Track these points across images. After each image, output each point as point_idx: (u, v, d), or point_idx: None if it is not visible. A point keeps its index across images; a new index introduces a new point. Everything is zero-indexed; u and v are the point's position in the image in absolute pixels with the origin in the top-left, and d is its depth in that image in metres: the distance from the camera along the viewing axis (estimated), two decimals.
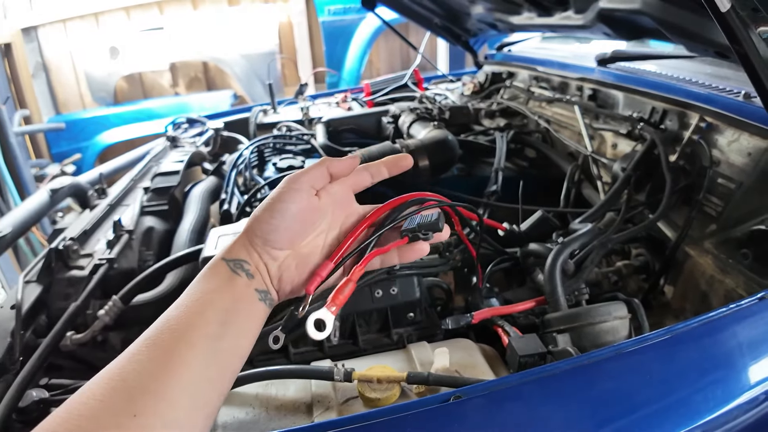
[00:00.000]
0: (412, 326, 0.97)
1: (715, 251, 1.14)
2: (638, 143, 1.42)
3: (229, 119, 2.55)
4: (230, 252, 0.61)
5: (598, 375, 0.64)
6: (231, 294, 0.58)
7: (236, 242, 0.62)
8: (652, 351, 0.68)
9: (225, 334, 0.56)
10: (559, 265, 0.92)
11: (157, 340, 0.54)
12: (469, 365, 0.78)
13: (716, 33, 1.24)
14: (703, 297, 1.13)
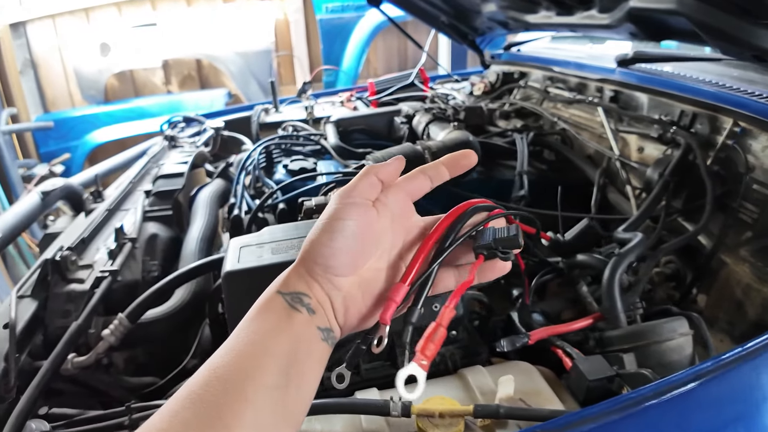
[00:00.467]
0: (454, 344, 0.90)
1: (751, 259, 1.10)
2: (668, 148, 1.37)
3: (228, 118, 2.47)
4: (286, 284, 0.53)
5: (688, 405, 0.58)
6: (290, 334, 0.50)
7: (292, 272, 0.54)
8: (735, 378, 0.62)
9: (286, 383, 0.48)
10: (617, 278, 0.86)
11: (204, 395, 0.45)
12: (533, 392, 0.71)
13: (756, 36, 1.21)
14: (738, 306, 1.10)
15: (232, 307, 0.87)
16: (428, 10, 2.41)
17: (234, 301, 0.87)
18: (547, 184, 1.59)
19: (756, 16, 1.17)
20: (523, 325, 0.89)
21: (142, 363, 1.24)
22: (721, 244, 1.14)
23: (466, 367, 0.79)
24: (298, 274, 0.54)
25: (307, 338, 0.51)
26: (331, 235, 0.53)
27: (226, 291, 0.88)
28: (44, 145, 4.88)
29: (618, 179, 1.50)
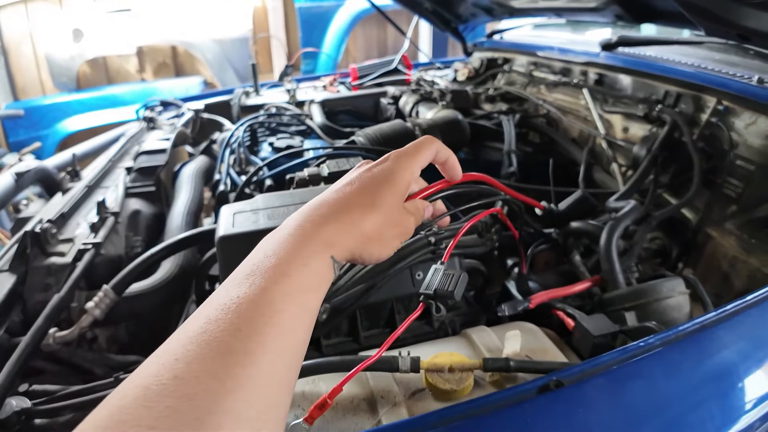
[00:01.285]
0: (453, 312, 0.90)
1: (737, 232, 1.13)
2: (653, 126, 1.39)
3: (206, 102, 2.42)
4: (341, 252, 0.52)
5: (706, 346, 0.59)
6: (323, 293, 0.51)
7: (346, 242, 0.53)
8: (740, 326, 0.64)
9: (299, 329, 0.47)
10: (615, 240, 0.87)
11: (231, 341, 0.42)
12: (539, 350, 0.71)
13: (741, 16, 1.23)
14: (724, 278, 1.12)
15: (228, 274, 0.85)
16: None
17: (229, 266, 0.84)
18: (532, 165, 1.61)
19: None
20: (521, 293, 0.89)
21: (124, 343, 1.19)
22: (707, 218, 1.17)
23: (471, 328, 0.79)
24: (350, 252, 0.54)
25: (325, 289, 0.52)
26: (381, 250, 0.56)
27: (220, 256, 0.86)
28: (14, 134, 4.72)
29: (603, 159, 1.52)
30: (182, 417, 0.36)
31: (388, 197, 0.56)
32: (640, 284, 0.80)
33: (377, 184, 0.56)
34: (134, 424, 0.35)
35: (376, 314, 0.87)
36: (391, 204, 0.56)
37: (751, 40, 1.31)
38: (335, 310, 0.81)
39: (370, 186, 0.56)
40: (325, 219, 0.53)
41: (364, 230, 0.54)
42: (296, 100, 2.16)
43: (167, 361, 0.40)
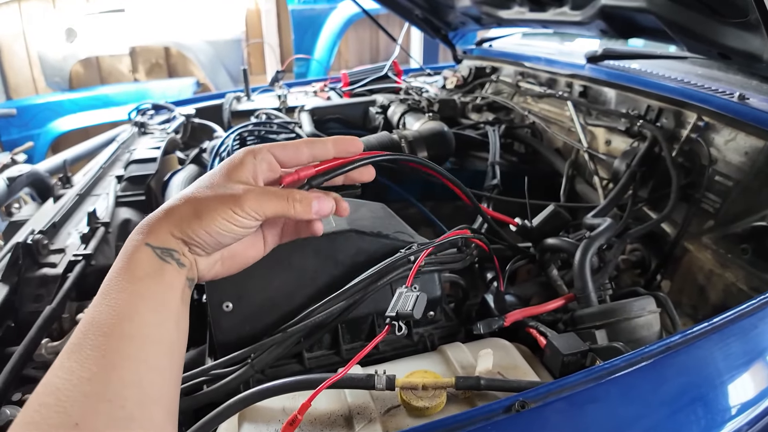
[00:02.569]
0: (431, 325, 0.93)
1: (713, 246, 1.16)
2: (635, 140, 1.42)
3: (198, 106, 2.44)
4: (156, 237, 0.54)
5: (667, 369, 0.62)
6: (163, 284, 0.52)
7: (161, 227, 0.54)
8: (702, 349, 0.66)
9: (163, 322, 0.51)
10: (588, 259, 0.89)
11: (84, 344, 0.47)
12: (511, 366, 0.74)
13: (722, 35, 1.26)
14: (700, 291, 1.15)
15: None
16: (403, 4, 2.42)
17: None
18: (517, 176, 1.63)
19: (723, 15, 1.22)
20: (498, 310, 0.92)
21: None
22: (684, 232, 1.20)
23: (446, 344, 0.82)
24: (168, 232, 0.54)
25: (179, 286, 0.54)
26: (208, 232, 0.55)
27: None
28: (6, 134, 4.71)
29: (585, 171, 1.55)
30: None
31: (205, 178, 0.59)
32: (610, 303, 0.83)
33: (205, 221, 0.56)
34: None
35: (357, 328, 0.90)
36: (207, 182, 0.58)
37: (732, 58, 1.34)
38: (317, 326, 0.83)
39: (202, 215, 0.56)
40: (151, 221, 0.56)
41: (178, 210, 0.55)
42: (287, 106, 2.18)
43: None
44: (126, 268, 0.52)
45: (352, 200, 1.01)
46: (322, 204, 0.63)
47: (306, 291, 0.87)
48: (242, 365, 0.80)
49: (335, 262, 0.88)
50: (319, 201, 0.62)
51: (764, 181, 1.12)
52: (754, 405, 0.63)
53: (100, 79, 5.26)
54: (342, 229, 0.88)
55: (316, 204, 0.62)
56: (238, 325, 0.86)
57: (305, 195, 0.61)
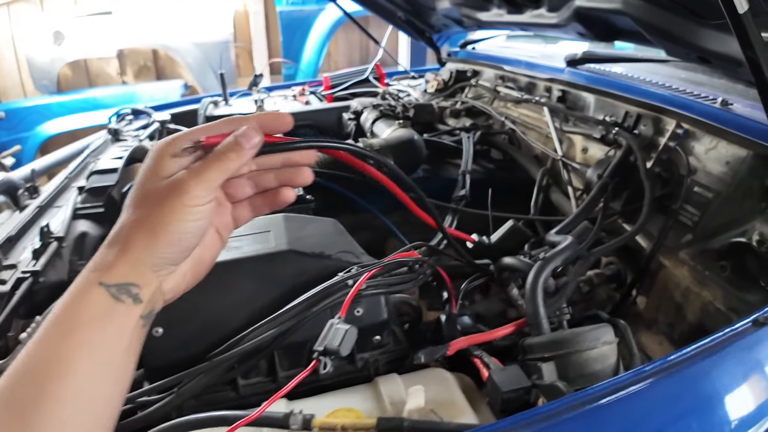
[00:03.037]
0: (378, 350, 0.87)
1: (691, 262, 1.10)
2: (612, 148, 1.36)
3: (178, 111, 2.39)
4: (113, 273, 0.50)
5: (598, 422, 0.56)
6: (110, 330, 0.49)
7: (120, 262, 0.50)
8: (652, 392, 0.60)
9: (104, 377, 0.48)
10: (540, 283, 0.83)
11: (12, 400, 0.44)
12: (447, 402, 0.68)
13: (701, 37, 1.21)
14: (677, 309, 1.10)
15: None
16: (385, 6, 2.38)
17: None
18: (493, 184, 1.58)
19: (701, 16, 1.17)
20: (448, 335, 0.86)
21: None
22: (660, 246, 1.14)
23: (382, 376, 0.76)
24: (129, 264, 0.51)
25: (128, 332, 0.50)
26: (168, 243, 0.52)
27: None
28: None
29: (562, 179, 1.49)
30: None
31: (137, 194, 0.55)
32: (561, 332, 0.77)
33: (161, 233, 0.53)
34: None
35: (296, 354, 0.84)
36: (141, 196, 0.54)
37: (712, 62, 1.29)
38: (249, 353, 0.78)
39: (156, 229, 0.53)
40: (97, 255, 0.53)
41: (133, 239, 0.51)
42: (264, 111, 2.13)
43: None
44: (72, 309, 0.48)
45: (300, 217, 0.96)
46: (246, 134, 0.56)
47: (242, 315, 0.82)
48: (169, 393, 0.77)
49: (273, 284, 0.83)
50: (241, 135, 0.56)
51: (746, 193, 1.07)
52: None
53: (88, 82, 5.21)
54: (280, 249, 0.83)
55: (242, 139, 0.55)
56: (171, 350, 0.82)
57: (226, 140, 0.56)
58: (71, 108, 4.82)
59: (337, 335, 0.66)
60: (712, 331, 0.72)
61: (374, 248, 1.14)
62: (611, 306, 1.22)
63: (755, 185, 1.06)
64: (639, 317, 1.19)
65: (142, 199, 0.53)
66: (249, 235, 0.87)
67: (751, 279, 0.99)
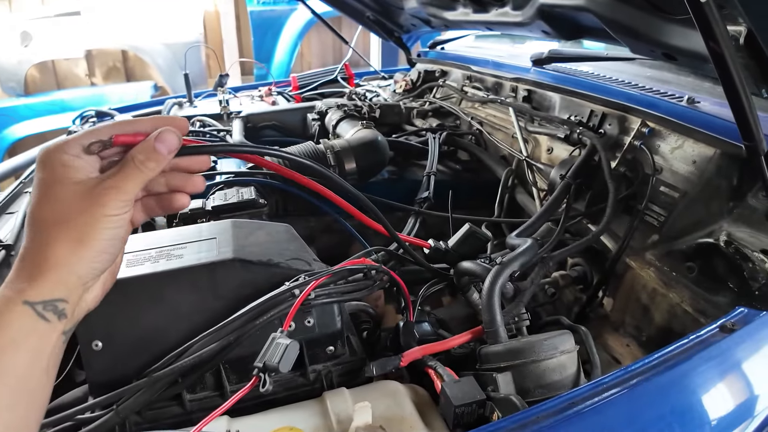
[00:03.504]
0: (332, 361, 0.83)
1: (657, 263, 1.08)
2: (576, 148, 1.34)
3: (142, 112, 2.33)
4: (40, 289, 0.48)
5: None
6: (28, 352, 0.46)
7: (48, 276, 0.48)
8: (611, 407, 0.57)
9: (15, 403, 0.45)
10: (497, 289, 0.80)
11: None
12: (397, 418, 0.65)
13: (665, 33, 1.19)
14: (644, 311, 1.07)
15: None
16: (354, 6, 2.35)
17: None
18: (460, 185, 1.55)
19: (665, 11, 1.15)
20: (404, 345, 0.82)
21: None
22: (626, 247, 1.12)
23: (330, 390, 0.72)
24: (56, 278, 0.49)
25: (48, 351, 0.48)
26: (94, 255, 0.51)
27: None
28: None
29: (527, 180, 1.47)
30: None
31: (50, 206, 0.51)
32: (518, 341, 0.73)
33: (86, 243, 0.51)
34: None
35: (244, 367, 0.80)
36: (57, 208, 0.51)
37: (677, 59, 1.27)
38: (193, 367, 0.74)
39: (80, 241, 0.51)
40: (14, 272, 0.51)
41: (58, 251, 0.49)
42: (228, 111, 2.08)
43: None
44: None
45: (249, 222, 0.92)
46: (165, 138, 0.55)
47: (183, 328, 0.77)
48: (108, 410, 0.73)
49: (216, 296, 0.78)
50: (159, 140, 0.54)
51: (713, 192, 1.05)
52: None
53: (56, 84, 5.11)
54: (223, 258, 0.79)
55: (160, 145, 0.54)
56: (110, 365, 0.78)
57: (143, 146, 0.54)
58: (39, 111, 4.75)
59: (278, 351, 0.63)
60: (679, 333, 0.71)
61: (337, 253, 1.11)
62: (578, 308, 1.20)
63: (723, 184, 1.05)
64: (606, 319, 1.17)
65: (55, 211, 0.50)
66: (193, 243, 0.83)
67: (718, 280, 0.97)
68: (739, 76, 0.77)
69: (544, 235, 1.17)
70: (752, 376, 0.66)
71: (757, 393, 0.65)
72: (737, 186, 1.04)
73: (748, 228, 1.00)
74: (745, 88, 0.79)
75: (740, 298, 0.92)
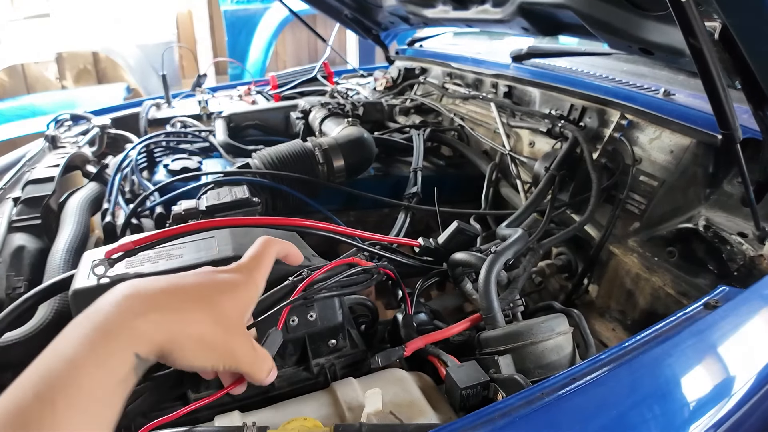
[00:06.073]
0: (334, 354, 0.85)
1: (640, 249, 1.12)
2: (558, 141, 1.38)
3: (119, 115, 2.29)
4: (145, 343, 0.46)
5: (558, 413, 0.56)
6: (118, 398, 0.45)
7: (155, 335, 0.47)
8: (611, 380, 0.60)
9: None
10: (493, 277, 0.82)
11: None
12: (405, 403, 0.67)
13: (642, 29, 1.23)
14: (628, 295, 1.12)
15: None
16: (332, 4, 2.35)
17: None
18: (445, 180, 1.57)
19: (642, 7, 1.19)
20: (405, 336, 0.85)
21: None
22: (609, 235, 1.15)
23: (338, 381, 0.74)
24: (155, 345, 0.47)
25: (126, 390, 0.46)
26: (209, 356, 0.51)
27: (74, 313, 0.78)
28: None
29: (511, 173, 1.50)
30: None
31: (227, 303, 0.52)
32: (516, 324, 0.77)
33: (221, 288, 0.52)
34: None
35: None
36: (228, 313, 0.52)
37: (654, 53, 1.31)
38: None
39: (212, 286, 0.52)
40: (144, 306, 0.47)
41: (187, 326, 0.48)
42: (208, 112, 2.07)
43: None
44: (90, 380, 0.43)
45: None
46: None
47: None
48: None
49: None
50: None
51: (690, 180, 1.10)
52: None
53: (26, 88, 4.99)
54: (224, 256, 0.80)
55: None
56: None
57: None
58: (8, 116, 4.62)
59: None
60: (663, 315, 0.74)
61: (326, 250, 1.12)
62: (564, 296, 1.24)
63: (699, 172, 1.09)
64: (592, 305, 1.21)
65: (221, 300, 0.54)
66: (191, 242, 0.83)
67: (698, 263, 1.01)
68: (716, 70, 0.80)
69: (531, 226, 1.20)
70: (736, 348, 0.70)
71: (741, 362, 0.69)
72: (713, 173, 1.09)
73: (725, 213, 1.05)
74: (722, 80, 0.83)
75: (720, 279, 0.96)
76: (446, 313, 1.08)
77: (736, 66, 0.89)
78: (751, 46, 0.79)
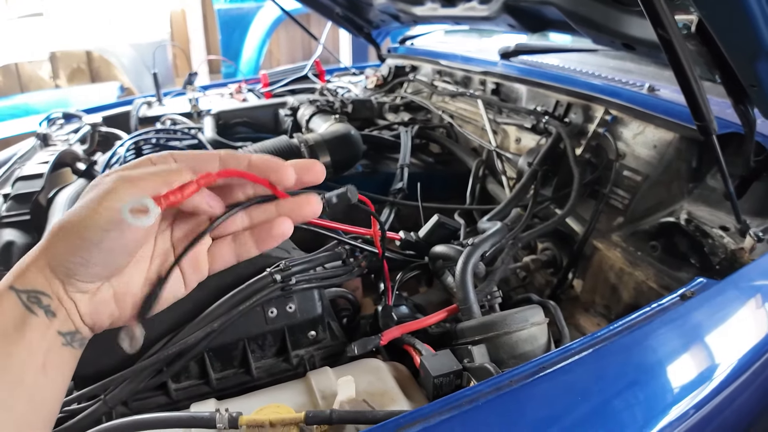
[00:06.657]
0: (314, 346, 0.85)
1: (623, 244, 1.13)
2: (543, 137, 1.39)
3: (111, 113, 2.29)
4: (23, 278, 0.43)
5: (525, 399, 0.56)
6: (24, 344, 0.43)
7: (31, 264, 0.44)
8: (579, 367, 0.61)
9: (15, 400, 0.42)
10: (470, 268, 0.83)
11: None
12: (379, 392, 0.68)
13: (624, 24, 1.24)
14: (612, 290, 1.13)
15: None
16: (324, 3, 2.35)
17: None
18: (433, 177, 1.58)
19: (622, 3, 1.20)
20: (383, 326, 0.85)
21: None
22: (592, 230, 1.16)
23: (314, 370, 0.75)
24: (38, 268, 0.44)
25: (42, 347, 0.44)
26: (80, 244, 0.43)
27: None
28: None
29: (497, 170, 1.51)
30: None
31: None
32: (490, 315, 0.77)
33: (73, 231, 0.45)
34: None
35: (227, 355, 0.82)
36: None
37: (635, 48, 1.32)
38: (176, 356, 0.76)
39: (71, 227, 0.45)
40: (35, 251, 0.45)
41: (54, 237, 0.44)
42: (198, 110, 2.07)
43: None
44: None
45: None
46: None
47: (166, 318, 0.78)
48: (96, 401, 0.74)
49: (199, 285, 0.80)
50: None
51: (674, 175, 1.11)
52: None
53: (19, 87, 4.98)
54: None
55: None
56: (94, 357, 0.77)
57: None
58: (2, 115, 4.60)
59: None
60: None
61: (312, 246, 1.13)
62: (549, 290, 1.25)
63: (682, 167, 1.10)
64: (577, 300, 1.22)
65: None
66: None
67: (681, 257, 1.02)
68: (687, 60, 0.81)
69: (514, 221, 1.21)
70: (708, 337, 0.71)
71: (713, 351, 0.69)
72: (696, 168, 1.10)
73: (707, 207, 1.06)
74: (693, 70, 0.84)
75: (702, 272, 0.97)
76: (431, 308, 1.08)
77: (715, 59, 0.90)
78: (725, 37, 0.79)
